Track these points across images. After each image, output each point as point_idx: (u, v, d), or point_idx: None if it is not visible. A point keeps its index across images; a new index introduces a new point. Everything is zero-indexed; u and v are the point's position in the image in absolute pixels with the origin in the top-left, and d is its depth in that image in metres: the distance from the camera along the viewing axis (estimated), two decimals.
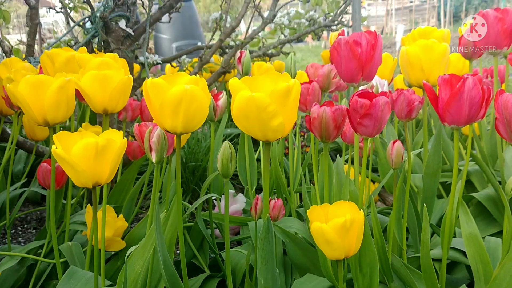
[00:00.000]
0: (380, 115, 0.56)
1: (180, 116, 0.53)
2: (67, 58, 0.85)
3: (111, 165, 0.55)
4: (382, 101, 0.55)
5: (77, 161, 0.53)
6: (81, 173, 0.53)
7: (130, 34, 1.31)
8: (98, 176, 0.54)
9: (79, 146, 0.52)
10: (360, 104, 0.56)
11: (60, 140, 0.55)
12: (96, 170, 0.54)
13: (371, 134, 0.58)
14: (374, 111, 0.56)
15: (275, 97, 0.50)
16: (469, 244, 0.71)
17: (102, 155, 0.53)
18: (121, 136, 0.57)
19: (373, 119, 0.56)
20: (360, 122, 0.57)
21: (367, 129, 0.57)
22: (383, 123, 0.57)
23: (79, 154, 0.53)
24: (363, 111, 0.56)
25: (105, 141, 0.53)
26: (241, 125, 0.55)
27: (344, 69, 0.63)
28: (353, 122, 0.58)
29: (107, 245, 0.80)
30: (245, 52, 0.84)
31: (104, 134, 0.57)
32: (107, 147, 0.54)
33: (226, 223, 0.65)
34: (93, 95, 0.68)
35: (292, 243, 0.78)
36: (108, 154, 0.54)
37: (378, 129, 0.57)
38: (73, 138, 0.55)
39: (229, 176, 0.62)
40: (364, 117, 0.56)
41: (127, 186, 1.04)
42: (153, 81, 0.53)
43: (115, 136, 0.57)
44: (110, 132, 0.57)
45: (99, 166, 0.54)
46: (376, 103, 0.55)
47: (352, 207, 0.52)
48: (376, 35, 0.62)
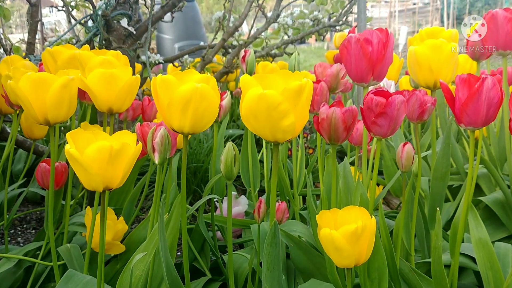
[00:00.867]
0: (395, 115, 0.54)
1: (189, 116, 0.52)
2: (69, 56, 0.83)
3: (124, 170, 0.53)
4: (399, 100, 0.53)
5: (90, 163, 0.51)
6: (93, 176, 0.51)
7: (132, 32, 1.29)
8: (110, 180, 0.52)
9: (93, 149, 0.50)
10: (376, 102, 0.54)
11: (74, 139, 0.53)
12: (109, 174, 0.52)
13: (386, 134, 0.56)
14: (390, 110, 0.53)
15: (287, 95, 0.48)
16: (478, 249, 0.69)
17: (116, 159, 0.51)
18: (135, 139, 0.55)
19: (388, 118, 0.54)
20: (375, 121, 0.55)
21: (382, 129, 0.55)
22: (398, 123, 0.55)
23: (92, 157, 0.51)
24: (378, 109, 0.54)
25: (120, 145, 0.51)
26: (250, 124, 0.53)
27: (354, 69, 0.61)
28: (367, 121, 0.56)
29: (106, 249, 0.79)
30: (250, 50, 0.82)
31: (118, 137, 0.55)
32: (121, 152, 0.52)
33: (229, 226, 0.63)
34: (99, 94, 0.66)
35: (296, 247, 0.76)
36: (122, 158, 0.52)
37: (393, 129, 0.55)
38: (87, 139, 0.53)
39: (232, 179, 0.60)
40: (379, 116, 0.54)
41: (127, 187, 1.02)
42: (163, 77, 0.52)
43: (130, 139, 0.55)
44: (124, 134, 0.55)
45: (111, 171, 0.52)
46: (392, 102, 0.53)
47: (363, 213, 0.50)
48: (388, 33, 0.60)
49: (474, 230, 0.69)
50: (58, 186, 0.83)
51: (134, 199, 0.98)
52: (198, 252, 0.92)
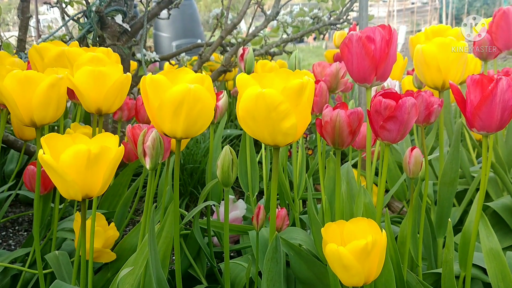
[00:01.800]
0: (406, 119, 0.50)
1: (181, 119, 0.47)
2: (57, 53, 0.78)
3: (104, 176, 0.48)
4: (409, 102, 0.49)
5: (66, 169, 0.46)
6: (70, 183, 0.47)
7: (127, 29, 1.25)
8: (89, 187, 0.48)
9: (69, 154, 0.46)
10: (385, 105, 0.49)
11: (49, 144, 0.48)
12: (87, 181, 0.47)
13: (395, 139, 0.52)
14: (400, 113, 0.49)
15: (288, 94, 0.44)
16: (489, 260, 0.65)
17: (95, 164, 0.47)
18: (117, 141, 0.50)
19: (398, 122, 0.50)
20: (383, 125, 0.50)
21: (391, 134, 0.51)
22: (408, 128, 0.51)
23: (68, 162, 0.46)
24: (387, 113, 0.50)
25: (98, 149, 0.47)
26: (247, 126, 0.49)
27: (355, 68, 0.57)
28: (374, 126, 0.52)
29: (96, 257, 0.75)
30: (248, 48, 0.78)
31: (98, 139, 0.50)
32: (101, 156, 0.47)
33: (226, 236, 0.59)
34: (86, 93, 0.61)
35: (296, 256, 0.72)
36: (101, 163, 0.48)
37: (403, 134, 0.51)
38: (63, 143, 0.49)
39: (229, 185, 0.56)
40: (388, 120, 0.50)
41: (120, 190, 0.98)
42: (152, 77, 0.47)
43: (111, 142, 0.50)
44: (105, 137, 0.51)
45: (90, 177, 0.47)
46: (403, 105, 0.49)
47: (372, 226, 0.46)
48: (391, 30, 0.56)
49: (485, 239, 0.66)
50: (46, 190, 0.79)
51: (127, 202, 0.94)
52: (194, 258, 0.88)
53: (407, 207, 1.14)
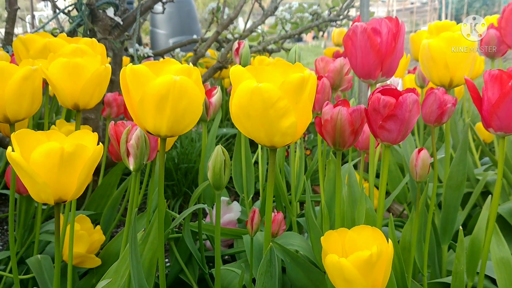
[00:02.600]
0: (407, 117, 0.45)
1: (166, 115, 0.42)
2: (43, 45, 0.74)
3: (80, 178, 0.44)
4: (411, 99, 0.44)
5: (36, 170, 0.42)
6: (41, 185, 0.42)
7: (119, 23, 1.20)
8: (63, 190, 0.43)
9: (39, 152, 0.42)
10: (383, 103, 0.45)
11: (20, 141, 0.44)
12: (61, 183, 0.43)
13: (395, 140, 0.47)
14: (401, 112, 0.45)
15: (287, 90, 0.40)
16: (500, 270, 0.61)
17: (69, 164, 0.42)
18: (95, 139, 0.45)
19: (399, 121, 0.45)
20: (383, 125, 0.46)
21: (390, 134, 0.46)
22: (410, 127, 0.46)
23: (39, 162, 0.42)
24: (387, 111, 0.45)
25: (73, 147, 0.42)
26: (241, 124, 0.44)
27: (359, 63, 0.52)
28: (372, 126, 0.47)
29: (80, 262, 0.70)
30: (244, 42, 0.73)
31: (75, 137, 0.46)
32: (75, 155, 0.42)
33: (217, 243, 0.54)
34: (61, 87, 0.56)
35: (293, 262, 0.67)
36: (76, 163, 0.43)
37: (404, 134, 0.47)
38: (36, 140, 0.44)
39: (221, 188, 0.51)
40: (387, 119, 0.45)
41: (109, 190, 0.93)
42: (133, 68, 0.42)
43: (88, 140, 0.45)
44: (82, 134, 0.46)
45: (64, 178, 0.43)
46: (403, 102, 0.44)
47: (377, 235, 0.42)
48: (399, 23, 0.52)
49: (495, 248, 0.61)
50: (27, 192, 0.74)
51: (115, 203, 0.89)
52: (185, 263, 0.83)
53: (407, 210, 1.10)
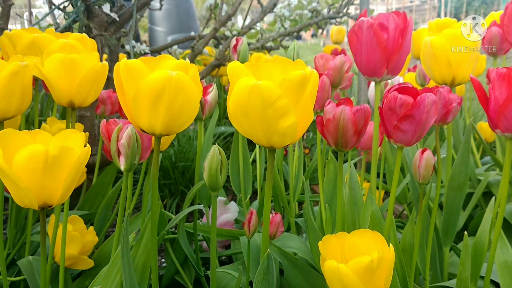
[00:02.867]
0: (424, 118, 0.43)
1: (161, 112, 0.41)
2: (30, 41, 0.71)
3: (66, 181, 0.41)
4: (429, 99, 0.42)
5: (19, 174, 0.40)
6: (24, 190, 0.40)
7: (115, 19, 1.18)
8: (47, 195, 0.41)
9: (22, 155, 0.40)
10: (400, 102, 0.43)
11: (3, 142, 0.41)
12: (45, 187, 0.41)
13: (410, 141, 0.45)
14: (418, 112, 0.43)
15: (287, 88, 0.38)
16: (503, 274, 0.59)
17: (54, 168, 0.40)
18: (83, 140, 0.43)
19: (415, 122, 0.43)
20: (398, 126, 0.44)
21: (405, 135, 0.44)
22: (425, 129, 0.45)
23: (22, 165, 0.40)
24: (403, 111, 0.43)
25: (58, 150, 0.40)
26: (239, 124, 0.42)
27: (364, 59, 0.50)
28: (386, 125, 0.45)
29: (73, 263, 0.68)
30: (242, 39, 0.72)
31: (61, 138, 0.44)
32: (60, 158, 0.40)
33: (213, 246, 0.53)
34: (57, 84, 0.54)
35: (291, 265, 0.66)
36: (62, 166, 0.41)
37: (419, 136, 0.45)
38: (21, 141, 0.42)
39: (218, 190, 0.49)
40: (403, 120, 0.43)
41: (103, 189, 0.91)
42: (127, 62, 0.40)
43: (75, 141, 0.43)
44: (69, 135, 0.44)
45: (49, 183, 0.41)
46: (421, 102, 0.42)
47: (377, 239, 0.40)
48: (406, 18, 0.50)
49: (499, 251, 0.60)
50: None
51: (110, 203, 0.87)
52: (181, 264, 0.81)
53: (407, 210, 1.08)
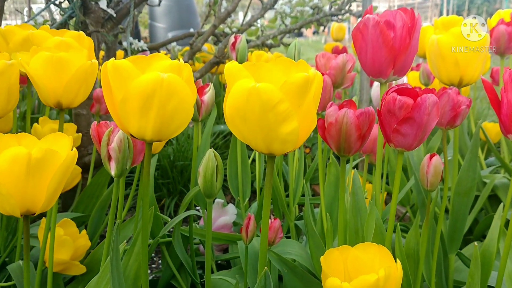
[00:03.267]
0: (425, 121, 0.41)
1: (151, 117, 0.38)
2: (23, 37, 0.69)
3: (50, 187, 0.39)
4: (430, 100, 0.40)
5: (0, 179, 0.37)
6: (5, 196, 0.37)
7: (112, 15, 1.16)
8: (30, 201, 0.39)
9: (3, 159, 0.37)
10: (400, 104, 0.40)
11: None
12: (28, 193, 0.38)
13: (411, 146, 0.43)
14: (419, 114, 0.40)
15: (289, 91, 0.35)
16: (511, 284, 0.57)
17: (37, 172, 0.38)
18: (70, 144, 0.41)
19: (416, 125, 0.41)
20: (397, 129, 0.41)
21: (405, 139, 0.42)
22: (427, 132, 0.42)
23: (3, 170, 0.37)
24: (403, 113, 0.41)
25: (41, 153, 0.37)
26: (236, 128, 0.39)
27: (370, 59, 0.48)
28: (386, 129, 0.43)
29: (64, 269, 0.66)
30: (241, 36, 0.69)
31: (46, 141, 0.41)
32: (44, 162, 0.38)
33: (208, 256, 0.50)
34: (43, 84, 0.51)
35: (290, 272, 0.63)
36: (46, 171, 0.38)
37: (420, 139, 0.42)
38: (5, 143, 0.40)
39: (213, 196, 0.47)
40: (403, 123, 0.41)
41: (98, 191, 0.89)
42: (115, 63, 0.37)
43: (62, 144, 0.41)
44: (56, 138, 0.41)
45: (32, 188, 0.38)
46: (422, 104, 0.40)
47: (383, 254, 0.37)
48: (414, 16, 0.47)
49: (508, 261, 0.57)
50: None
51: (104, 204, 0.84)
52: (177, 268, 0.79)
53: (410, 213, 1.06)
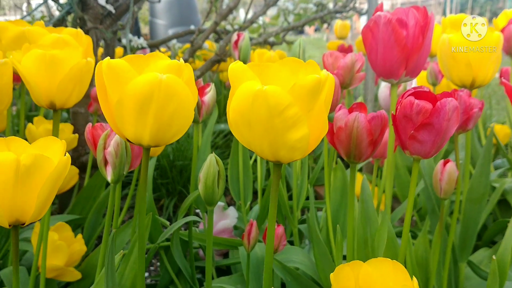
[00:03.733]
0: (444, 127, 0.38)
1: (149, 121, 0.35)
2: (17, 34, 0.66)
3: (41, 195, 0.36)
4: (450, 105, 0.37)
5: None
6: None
7: (111, 12, 1.13)
8: (19, 211, 0.36)
9: None
10: (418, 109, 0.37)
11: None
12: (17, 202, 0.35)
13: (428, 153, 0.40)
14: (438, 120, 0.37)
15: (298, 95, 0.32)
16: None
17: (27, 179, 0.35)
18: (62, 149, 0.38)
19: (434, 132, 0.38)
20: (414, 135, 0.39)
21: (423, 146, 0.39)
22: (446, 139, 0.39)
23: None
24: (421, 119, 0.38)
25: (31, 159, 0.35)
26: (240, 134, 0.36)
27: (380, 59, 0.45)
28: (401, 135, 0.40)
29: (58, 275, 0.63)
30: (244, 34, 0.66)
31: (37, 145, 0.38)
32: (34, 168, 0.35)
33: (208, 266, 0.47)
34: (35, 83, 0.49)
35: (294, 282, 0.61)
36: (36, 178, 0.35)
37: (439, 147, 0.39)
38: None
39: (214, 204, 0.44)
40: (421, 129, 0.38)
41: (95, 192, 0.86)
42: (110, 63, 0.34)
43: (53, 149, 0.38)
44: (47, 143, 0.38)
45: (21, 197, 0.35)
46: (441, 109, 0.37)
47: (398, 271, 0.34)
48: (427, 14, 0.44)
49: None
50: None
51: (101, 207, 0.82)
52: (176, 273, 0.77)
53: (417, 217, 1.03)
